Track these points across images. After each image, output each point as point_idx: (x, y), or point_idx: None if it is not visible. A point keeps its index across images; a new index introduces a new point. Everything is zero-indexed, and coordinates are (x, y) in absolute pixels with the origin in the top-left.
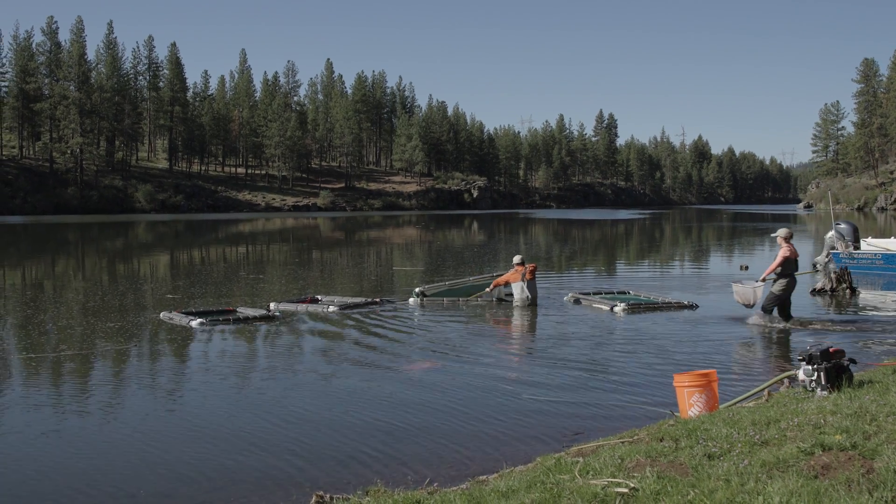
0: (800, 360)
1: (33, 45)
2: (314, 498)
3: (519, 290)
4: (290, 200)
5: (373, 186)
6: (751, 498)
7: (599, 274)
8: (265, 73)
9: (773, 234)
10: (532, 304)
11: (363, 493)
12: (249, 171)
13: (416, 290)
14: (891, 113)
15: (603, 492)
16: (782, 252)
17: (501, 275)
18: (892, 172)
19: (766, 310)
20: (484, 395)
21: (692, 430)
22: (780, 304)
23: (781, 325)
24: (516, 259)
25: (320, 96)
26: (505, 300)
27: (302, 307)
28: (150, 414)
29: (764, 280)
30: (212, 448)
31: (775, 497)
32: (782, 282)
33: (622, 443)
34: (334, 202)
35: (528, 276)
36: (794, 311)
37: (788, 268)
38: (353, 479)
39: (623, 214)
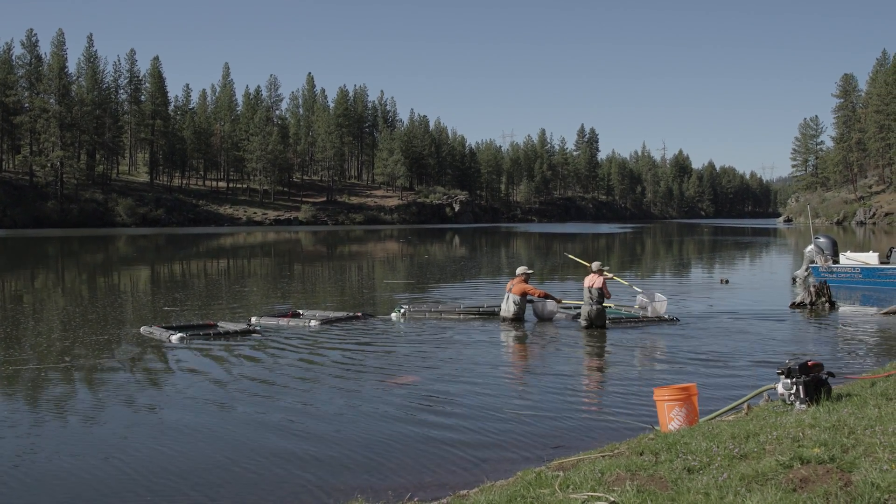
0: (779, 374)
1: (13, 58)
2: None
3: (504, 303)
4: (272, 214)
5: (354, 200)
6: None
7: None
8: (247, 86)
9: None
10: (516, 320)
11: None
12: (231, 184)
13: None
14: (869, 128)
15: None
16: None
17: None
18: (870, 187)
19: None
20: (465, 410)
21: (672, 443)
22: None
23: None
24: (520, 270)
25: (302, 110)
26: (487, 313)
27: (283, 321)
28: (127, 428)
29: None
30: (190, 462)
31: None
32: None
33: (603, 457)
34: (316, 216)
35: (515, 291)
36: (777, 324)
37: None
38: (332, 493)
39: (604, 228)
